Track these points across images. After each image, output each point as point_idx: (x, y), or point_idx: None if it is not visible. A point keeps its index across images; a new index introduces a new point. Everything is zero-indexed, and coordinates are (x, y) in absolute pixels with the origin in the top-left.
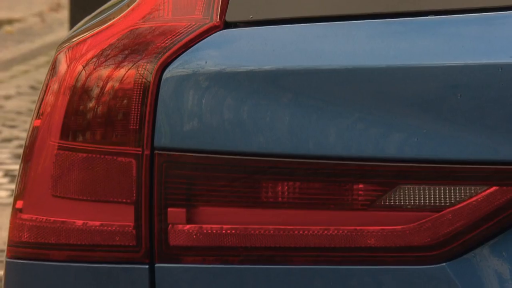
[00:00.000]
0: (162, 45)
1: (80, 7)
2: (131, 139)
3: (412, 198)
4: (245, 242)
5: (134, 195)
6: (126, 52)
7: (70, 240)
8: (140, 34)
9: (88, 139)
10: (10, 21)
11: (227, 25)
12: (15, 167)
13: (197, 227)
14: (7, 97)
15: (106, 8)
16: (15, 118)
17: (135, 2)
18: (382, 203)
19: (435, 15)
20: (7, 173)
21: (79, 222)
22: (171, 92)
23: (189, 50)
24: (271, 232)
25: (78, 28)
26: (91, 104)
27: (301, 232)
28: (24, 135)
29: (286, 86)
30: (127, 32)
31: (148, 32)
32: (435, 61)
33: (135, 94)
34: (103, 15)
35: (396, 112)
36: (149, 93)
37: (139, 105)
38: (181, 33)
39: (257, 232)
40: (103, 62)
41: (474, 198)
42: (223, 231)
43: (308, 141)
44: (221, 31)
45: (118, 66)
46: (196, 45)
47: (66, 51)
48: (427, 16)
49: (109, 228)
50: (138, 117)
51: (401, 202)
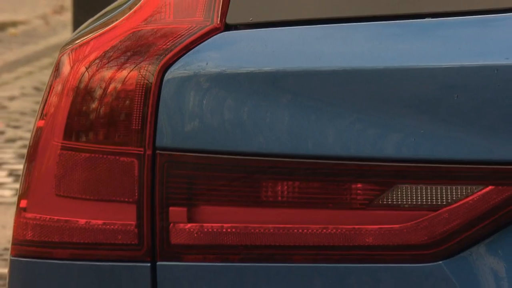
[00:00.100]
0: (164, 47)
1: (83, 10)
2: (133, 140)
3: (410, 198)
4: (245, 241)
5: (136, 195)
6: (128, 54)
7: (73, 239)
8: (142, 36)
9: (91, 140)
10: (15, 23)
11: (228, 27)
12: (19, 167)
13: (198, 226)
14: (12, 98)
15: (109, 11)
16: (19, 119)
17: (137, 5)
18: (380, 202)
19: (432, 18)
20: (11, 173)
21: (82, 221)
22: (173, 93)
23: (190, 52)
24: (271, 231)
25: (81, 30)
26: (94, 105)
27: (301, 231)
28: (28, 136)
29: (286, 87)
30: (129, 34)
31: (150, 34)
32: (432, 63)
33: (137, 95)
34: (106, 18)
35: (394, 113)
36: (151, 94)
37: (141, 106)
38: (182, 35)
39: (257, 231)
40: (106, 64)
41: (470, 198)
42: (224, 230)
43: (307, 141)
44: (222, 33)
45: (121, 68)
46: (197, 47)
47: (69, 53)
48: (425, 19)
49: (112, 227)
50: (140, 118)
51: (399, 201)
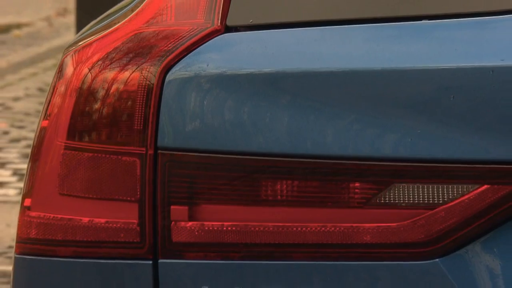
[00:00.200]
0: (165, 49)
1: (86, 12)
2: (135, 139)
3: (407, 196)
4: (245, 239)
5: (138, 193)
6: (131, 55)
7: (77, 237)
8: (144, 38)
9: (94, 139)
10: (19, 26)
11: (228, 29)
12: (23, 166)
13: (199, 224)
14: (16, 99)
15: (111, 13)
16: (24, 119)
17: (139, 7)
18: (378, 201)
19: (429, 20)
20: (16, 172)
21: (85, 220)
22: (174, 94)
23: (191, 53)
24: (271, 229)
25: (84, 32)
26: (97, 106)
27: (300, 229)
28: (32, 136)
29: (285, 88)
30: (132, 36)
31: (152, 36)
32: (429, 64)
33: (139, 96)
34: (108, 20)
35: (391, 113)
36: (153, 95)
37: (143, 107)
38: (184, 37)
39: (257, 229)
40: (108, 65)
41: (466, 196)
42: (224, 228)
43: (306, 141)
44: (222, 35)
45: (123, 69)
46: (198, 49)
47: (73, 54)
48: (421, 21)
49: (114, 225)
50: (142, 118)
51: (396, 200)
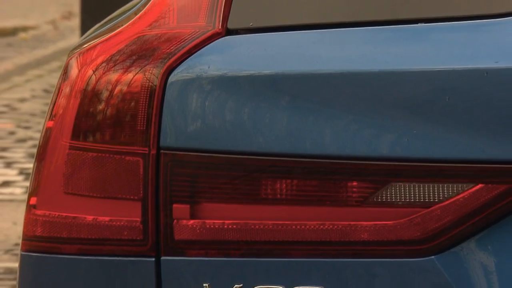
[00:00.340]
0: (168, 51)
1: (91, 15)
2: (138, 140)
3: (403, 195)
4: (246, 237)
5: (141, 192)
6: (134, 58)
7: (81, 235)
8: (147, 41)
9: (98, 140)
10: (25, 29)
11: (229, 32)
12: (29, 166)
13: (201, 222)
14: (22, 100)
15: (115, 16)
16: (30, 120)
17: (142, 11)
18: (375, 200)
19: (425, 23)
20: (22, 172)
21: (90, 218)
22: (176, 95)
23: (193, 56)
24: (270, 227)
25: (89, 35)
26: (101, 107)
27: (299, 227)
28: (38, 136)
29: (284, 90)
30: (135, 39)
31: (155, 39)
32: (425, 66)
33: (142, 97)
34: (112, 23)
35: (388, 114)
36: (155, 96)
37: (146, 108)
38: (186, 40)
39: (257, 227)
40: (112, 67)
41: (461, 195)
42: (225, 226)
43: (305, 141)
44: (223, 38)
45: (126, 71)
46: (200, 51)
47: (77, 57)
48: (417, 24)
49: (118, 223)
50: (145, 119)
51: (393, 199)
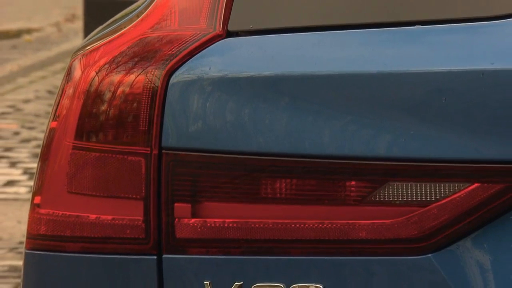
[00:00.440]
0: (169, 53)
1: (94, 18)
2: (141, 140)
3: (400, 194)
4: (246, 235)
5: (143, 192)
6: (136, 59)
7: (84, 233)
8: (149, 43)
9: (101, 140)
10: (29, 31)
11: (229, 34)
12: (33, 166)
13: (202, 221)
14: (26, 101)
15: (117, 19)
16: (34, 120)
17: (144, 13)
18: (373, 199)
19: (422, 25)
20: (26, 171)
21: (93, 217)
22: (178, 96)
23: (194, 57)
24: (270, 226)
25: (92, 37)
26: (104, 107)
27: (298, 226)
28: (42, 136)
29: (284, 91)
30: (137, 41)
31: (156, 41)
32: (422, 67)
33: (144, 98)
34: (115, 25)
35: (386, 115)
36: (157, 97)
37: (148, 108)
38: (187, 42)
39: (257, 226)
40: (115, 69)
41: (458, 194)
42: (226, 225)
43: (305, 142)
44: (224, 40)
45: (129, 72)
46: (201, 53)
47: (81, 58)
48: (414, 26)
49: (120, 222)
50: (147, 119)
51: (390, 198)
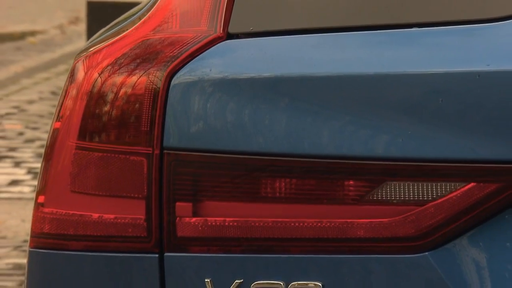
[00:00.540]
0: (171, 55)
1: (96, 20)
2: (143, 140)
3: (398, 193)
4: (246, 234)
5: (145, 191)
6: (138, 61)
7: (87, 232)
8: (151, 45)
9: (103, 140)
10: (33, 33)
11: (230, 36)
12: (37, 165)
13: (203, 220)
14: (31, 102)
15: (120, 21)
16: (38, 121)
17: (146, 16)
18: (371, 198)
19: (419, 27)
20: (30, 171)
21: (95, 215)
22: (179, 97)
23: (195, 59)
24: (270, 224)
25: (95, 39)
26: (106, 108)
27: (297, 224)
28: (46, 136)
29: (284, 92)
30: (139, 43)
31: (158, 43)
32: (419, 69)
33: (146, 99)
34: (117, 27)
35: (383, 115)
36: (159, 98)
37: (150, 109)
38: (188, 44)
39: (257, 224)
40: (117, 70)
41: (454, 194)
42: (226, 224)
43: (304, 142)
44: (224, 42)
45: (131, 74)
46: (202, 55)
47: (84, 60)
48: (411, 28)
49: (123, 221)
50: (149, 120)
51: (388, 197)
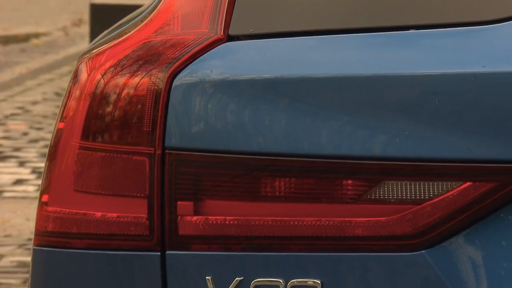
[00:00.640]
0: (172, 56)
1: (99, 23)
2: (145, 140)
3: (395, 193)
4: (246, 232)
5: (147, 190)
6: (140, 62)
7: (90, 230)
8: (153, 46)
9: (106, 140)
10: (37, 35)
11: (230, 38)
12: (41, 165)
13: (204, 218)
14: (35, 103)
15: (122, 23)
16: (42, 121)
17: (148, 18)
18: (368, 197)
19: (416, 29)
20: (34, 170)
21: (98, 214)
22: (180, 98)
23: (196, 61)
24: (270, 223)
25: (98, 41)
26: (109, 109)
27: (296, 223)
28: (49, 136)
29: (283, 93)
30: (141, 45)
31: (160, 45)
32: (416, 70)
33: (148, 100)
34: (120, 30)
35: (381, 116)
36: (161, 99)
37: (152, 110)
38: (189, 45)
39: (257, 223)
40: (120, 71)
41: (450, 193)
42: (227, 222)
43: (303, 142)
44: (225, 44)
45: (133, 75)
46: (203, 56)
47: (87, 62)
48: (409, 30)
49: (125, 219)
50: (151, 120)
51: (385, 196)
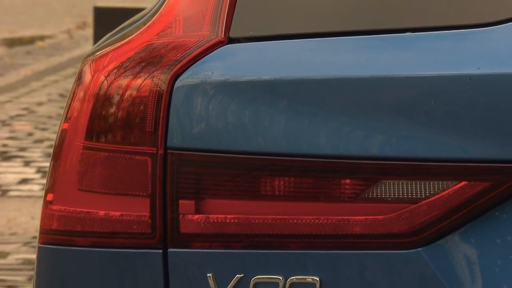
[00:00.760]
0: (174, 58)
1: (103, 25)
2: (147, 140)
3: (392, 192)
4: (246, 230)
5: (150, 189)
6: (143, 64)
7: (94, 228)
8: (155, 49)
9: (110, 140)
10: (42, 38)
11: (231, 41)
12: (46, 165)
13: (205, 217)
14: (40, 104)
15: (125, 26)
16: (46, 122)
17: (151, 21)
18: (366, 196)
19: (412, 32)
20: (39, 170)
21: (102, 213)
22: (182, 99)
23: (198, 63)
24: (269, 221)
25: (101, 43)
26: (112, 110)
27: (296, 221)
28: (54, 137)
29: (282, 94)
30: (144, 47)
31: (162, 47)
32: (412, 72)
33: (151, 101)
34: (123, 32)
35: (378, 116)
36: (163, 100)
37: (154, 111)
38: (191, 48)
39: (257, 221)
40: (123, 73)
41: (446, 192)
42: (227, 220)
43: (302, 142)
44: (226, 46)
45: (136, 77)
46: (204, 58)
47: (91, 63)
48: (405, 33)
49: (128, 218)
50: (153, 121)
51: (383, 195)
